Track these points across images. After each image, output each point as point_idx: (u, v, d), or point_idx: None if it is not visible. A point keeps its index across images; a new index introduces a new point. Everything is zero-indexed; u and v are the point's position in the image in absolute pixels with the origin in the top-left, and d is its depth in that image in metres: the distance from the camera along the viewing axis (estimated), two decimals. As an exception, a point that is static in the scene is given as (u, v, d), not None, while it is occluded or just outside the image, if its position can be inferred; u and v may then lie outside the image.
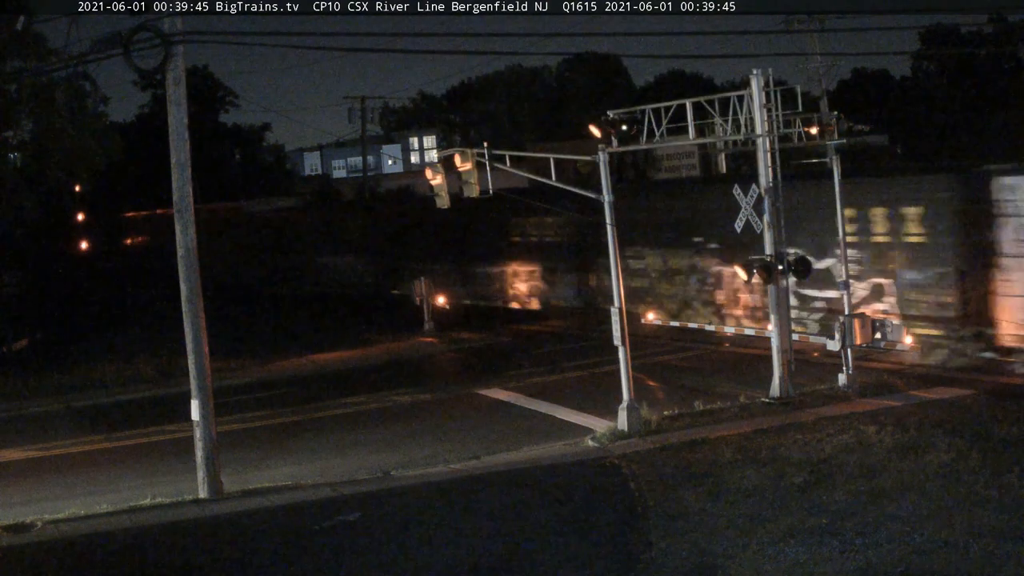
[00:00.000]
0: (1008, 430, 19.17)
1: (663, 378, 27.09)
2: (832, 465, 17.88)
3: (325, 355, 34.83)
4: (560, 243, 40.35)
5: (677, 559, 14.39)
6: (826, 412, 21.72)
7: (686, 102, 23.74)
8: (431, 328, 37.59)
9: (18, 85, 33.35)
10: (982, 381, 23.62)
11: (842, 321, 23.98)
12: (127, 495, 19.16)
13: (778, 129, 23.62)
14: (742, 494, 16.79)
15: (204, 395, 19.13)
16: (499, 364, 31.25)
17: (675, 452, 19.69)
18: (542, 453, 20.78)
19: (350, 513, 17.26)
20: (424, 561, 15.14)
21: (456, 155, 23.80)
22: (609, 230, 22.24)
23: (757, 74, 23.12)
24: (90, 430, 26.05)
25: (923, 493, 16.06)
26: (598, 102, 68.27)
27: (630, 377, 21.68)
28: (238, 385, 30.26)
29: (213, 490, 18.90)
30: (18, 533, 17.17)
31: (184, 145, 19.06)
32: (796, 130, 24.29)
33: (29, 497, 19.90)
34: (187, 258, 19.13)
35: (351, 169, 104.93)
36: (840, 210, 24.75)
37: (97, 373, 32.58)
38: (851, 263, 26.33)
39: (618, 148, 23.99)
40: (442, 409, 26.05)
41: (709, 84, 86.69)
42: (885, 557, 13.75)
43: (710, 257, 33.53)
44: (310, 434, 24.18)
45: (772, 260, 22.86)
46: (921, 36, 67.01)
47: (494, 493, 18.25)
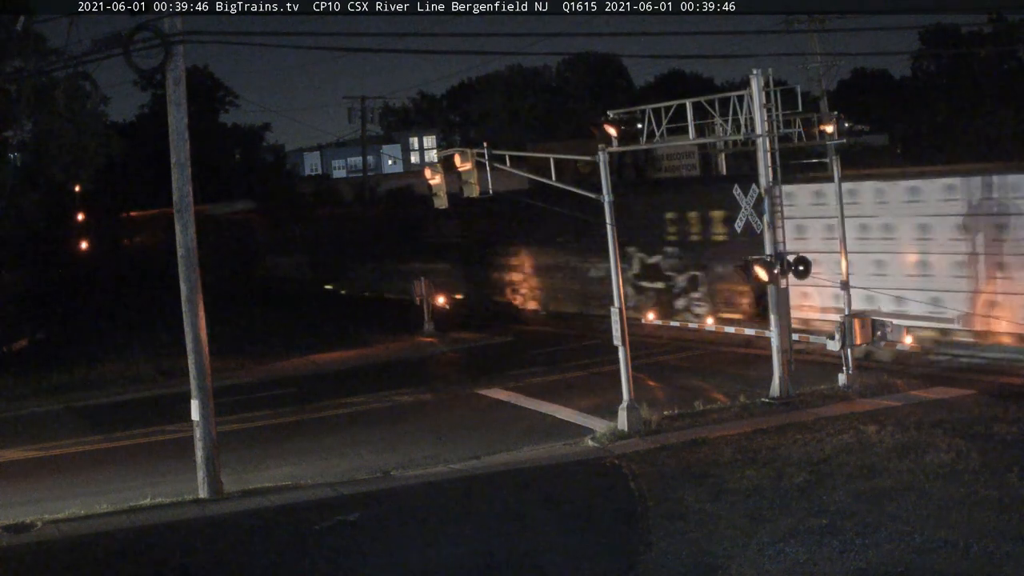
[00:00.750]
0: (1008, 430, 19.17)
1: (663, 378, 27.09)
2: (832, 465, 17.88)
3: (325, 355, 34.84)
4: (458, 242, 45.86)
5: (677, 559, 14.39)
6: (826, 412, 21.72)
7: (686, 102, 23.74)
8: (431, 328, 37.60)
9: (18, 85, 33.37)
10: (982, 381, 23.62)
11: (842, 321, 24.00)
12: (127, 495, 19.16)
13: (778, 129, 23.62)
14: (742, 494, 16.79)
15: (204, 395, 19.13)
16: (499, 364, 31.25)
17: (675, 452, 19.69)
18: (542, 453, 20.78)
19: (350, 513, 17.25)
20: (424, 561, 15.13)
21: (456, 155, 23.79)
22: (609, 230, 22.24)
23: (757, 74, 23.12)
24: (90, 430, 26.05)
25: (923, 493, 16.05)
26: (598, 102, 68.37)
27: (630, 377, 21.68)
28: (238, 385, 30.27)
29: (213, 490, 18.90)
30: (18, 533, 17.17)
31: (184, 145, 19.06)
32: (796, 130, 24.29)
33: (29, 497, 19.90)
34: (187, 258, 19.13)
35: (351, 169, 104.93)
36: (840, 211, 24.76)
37: (97, 373, 32.61)
38: (673, 259, 32.15)
39: (618, 148, 24.01)
40: (442, 409, 26.05)
41: (709, 84, 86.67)
42: (885, 557, 13.75)
43: (572, 255, 38.91)
44: (310, 434, 24.18)
45: (772, 260, 22.86)
46: (921, 36, 67.04)
47: (494, 493, 18.25)
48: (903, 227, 28.03)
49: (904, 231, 28.02)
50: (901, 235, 28.09)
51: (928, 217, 27.41)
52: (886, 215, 28.35)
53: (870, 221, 28.60)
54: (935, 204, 27.38)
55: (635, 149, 26.49)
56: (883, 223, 28.42)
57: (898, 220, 28.10)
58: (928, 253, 27.50)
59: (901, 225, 28.07)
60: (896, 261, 28.19)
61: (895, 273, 28.13)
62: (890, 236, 28.36)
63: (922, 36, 66.84)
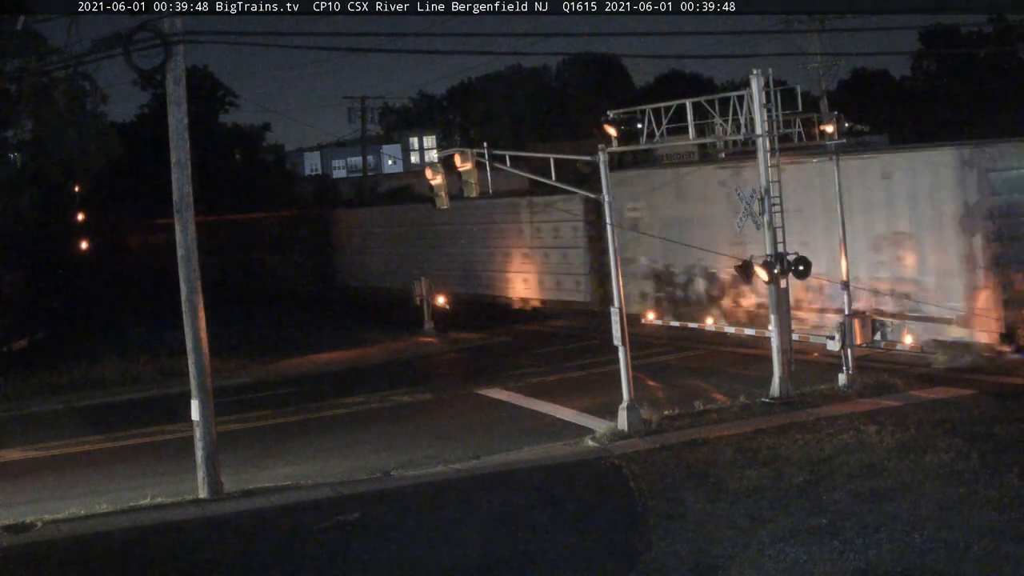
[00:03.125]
0: (1008, 430, 19.17)
1: (663, 378, 27.08)
2: (832, 465, 17.89)
3: (325, 355, 34.83)
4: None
5: (677, 559, 14.39)
6: (826, 412, 21.72)
7: (686, 102, 23.74)
8: (431, 328, 37.59)
9: (18, 85, 33.37)
10: (982, 381, 23.61)
11: (842, 321, 23.99)
12: (127, 495, 19.16)
13: (778, 129, 23.62)
14: (742, 494, 16.79)
15: (204, 395, 19.13)
16: (499, 364, 31.25)
17: (675, 452, 19.69)
18: (542, 453, 20.78)
19: (350, 513, 17.25)
20: (424, 561, 15.14)
21: (456, 155, 23.78)
22: (608, 230, 22.25)
23: (757, 74, 23.12)
24: (90, 430, 26.04)
25: (923, 493, 16.06)
26: (598, 102, 68.30)
27: (630, 377, 21.68)
28: (238, 385, 30.27)
29: (213, 490, 18.90)
30: (18, 533, 17.17)
31: (184, 145, 19.06)
32: (796, 130, 24.30)
33: (29, 497, 19.90)
34: (187, 258, 19.14)
35: (351, 169, 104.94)
36: (840, 212, 24.76)
37: (97, 373, 32.57)
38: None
39: (618, 148, 24.00)
40: (442, 409, 26.05)
41: (709, 84, 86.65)
42: (885, 557, 13.75)
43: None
44: (310, 434, 24.18)
45: (772, 260, 22.85)
46: (921, 36, 67.07)
47: (494, 493, 18.26)
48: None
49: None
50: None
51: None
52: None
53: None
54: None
55: (635, 149, 26.48)
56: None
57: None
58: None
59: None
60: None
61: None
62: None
63: (922, 36, 66.89)
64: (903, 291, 26.59)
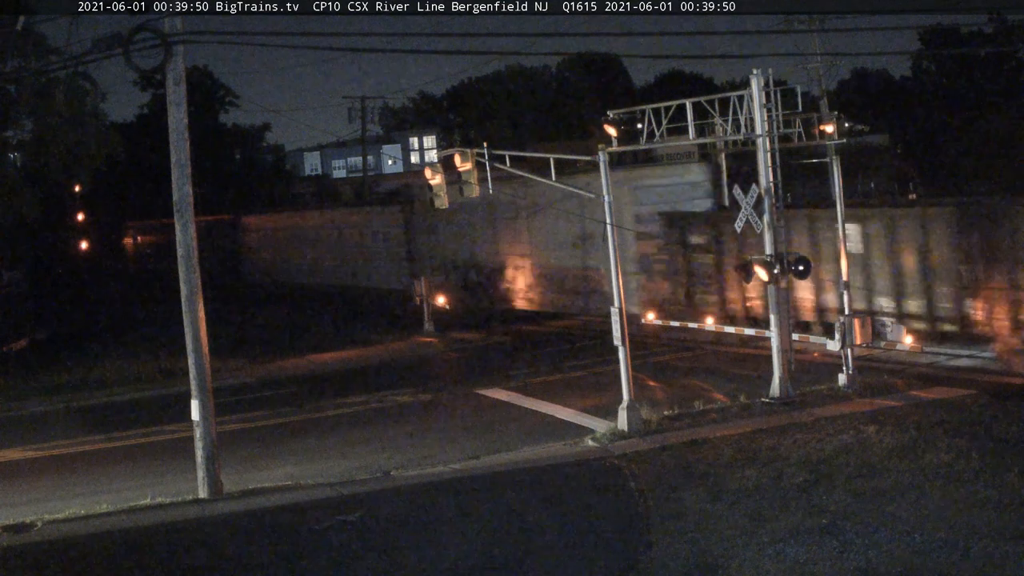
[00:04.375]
0: (1008, 430, 19.17)
1: (663, 378, 27.08)
2: (832, 465, 17.89)
3: (325, 355, 34.83)
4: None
5: (677, 559, 14.40)
6: (826, 412, 21.72)
7: (686, 102, 23.75)
8: (431, 328, 37.60)
9: (18, 85, 33.37)
10: (982, 381, 23.62)
11: (842, 321, 23.99)
12: (127, 495, 19.15)
13: (778, 129, 23.62)
14: (742, 494, 16.79)
15: (204, 395, 19.12)
16: (499, 364, 31.24)
17: (675, 452, 19.69)
18: (542, 453, 20.78)
19: (350, 513, 17.25)
20: (424, 561, 15.14)
21: (456, 155, 23.78)
22: (608, 230, 22.24)
23: (757, 74, 23.12)
24: (90, 430, 26.04)
25: (923, 493, 16.06)
26: (598, 102, 68.33)
27: (630, 377, 21.68)
28: (238, 385, 30.26)
29: (213, 490, 18.89)
30: (18, 533, 17.16)
31: (184, 145, 19.06)
32: (796, 130, 24.30)
33: (29, 497, 19.89)
34: (187, 258, 19.13)
35: (351, 169, 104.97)
36: (840, 213, 24.77)
37: (97, 373, 32.57)
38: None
39: (618, 148, 24.01)
40: (442, 409, 26.05)
41: (709, 84, 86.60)
42: (885, 557, 13.75)
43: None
44: (310, 434, 24.18)
45: (771, 260, 22.85)
46: (921, 36, 66.99)
47: (494, 493, 18.25)
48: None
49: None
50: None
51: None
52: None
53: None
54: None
55: (635, 149, 26.50)
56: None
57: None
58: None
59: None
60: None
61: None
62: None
63: (922, 36, 66.82)
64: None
